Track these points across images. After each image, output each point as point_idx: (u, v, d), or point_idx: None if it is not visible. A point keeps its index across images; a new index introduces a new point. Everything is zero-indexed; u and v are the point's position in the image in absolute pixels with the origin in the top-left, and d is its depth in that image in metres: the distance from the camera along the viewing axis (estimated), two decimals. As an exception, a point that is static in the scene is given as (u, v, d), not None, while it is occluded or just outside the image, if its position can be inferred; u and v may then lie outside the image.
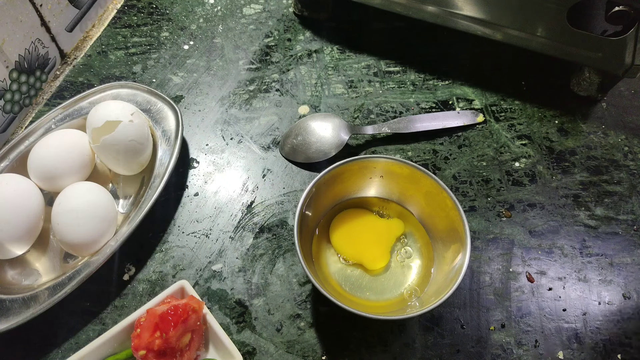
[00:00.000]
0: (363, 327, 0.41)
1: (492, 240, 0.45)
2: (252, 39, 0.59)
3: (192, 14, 0.61)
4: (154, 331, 0.35)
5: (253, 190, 0.48)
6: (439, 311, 0.41)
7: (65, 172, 0.44)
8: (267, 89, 0.55)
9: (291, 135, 0.50)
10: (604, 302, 0.42)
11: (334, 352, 0.40)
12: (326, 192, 0.42)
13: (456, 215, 0.38)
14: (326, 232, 0.43)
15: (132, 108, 0.45)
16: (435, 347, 0.40)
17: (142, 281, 0.43)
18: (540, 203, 0.47)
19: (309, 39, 0.59)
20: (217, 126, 0.52)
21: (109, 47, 0.58)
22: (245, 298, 0.42)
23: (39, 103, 0.55)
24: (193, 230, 0.45)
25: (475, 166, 0.49)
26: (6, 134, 0.52)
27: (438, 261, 0.41)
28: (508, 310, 0.42)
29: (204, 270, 0.43)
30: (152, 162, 0.47)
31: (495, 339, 0.40)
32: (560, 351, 0.40)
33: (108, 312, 0.41)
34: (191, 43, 0.58)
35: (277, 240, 0.45)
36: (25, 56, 0.52)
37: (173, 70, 0.56)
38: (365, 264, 0.42)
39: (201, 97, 0.54)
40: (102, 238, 0.41)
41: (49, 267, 0.43)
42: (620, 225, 0.46)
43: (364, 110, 0.53)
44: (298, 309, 0.42)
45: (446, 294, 0.35)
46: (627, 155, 0.51)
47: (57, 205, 0.41)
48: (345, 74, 0.56)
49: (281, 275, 0.43)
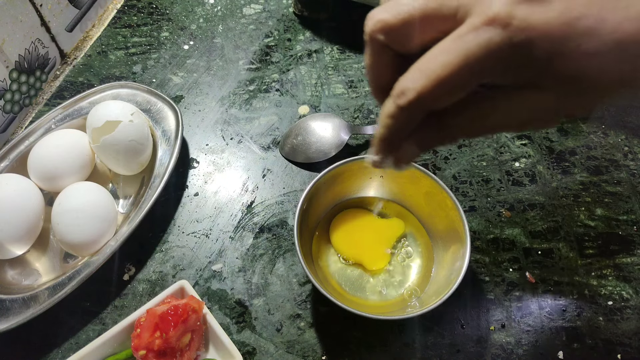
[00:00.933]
0: (363, 327, 0.41)
1: (492, 240, 0.45)
2: (252, 39, 0.59)
3: (192, 14, 0.61)
4: (154, 331, 0.35)
5: (253, 190, 0.48)
6: (439, 311, 0.41)
7: (65, 172, 0.44)
8: (267, 89, 0.55)
9: (291, 135, 0.50)
10: (603, 302, 0.42)
11: (334, 352, 0.40)
12: (326, 192, 0.42)
13: (456, 215, 0.38)
14: (326, 232, 0.43)
15: (132, 108, 0.45)
16: (435, 347, 0.40)
17: (142, 281, 0.43)
18: (540, 203, 0.47)
19: (309, 39, 0.59)
20: (217, 126, 0.52)
21: (109, 47, 0.58)
22: (245, 298, 0.42)
23: (39, 103, 0.55)
24: (193, 230, 0.45)
25: (475, 166, 0.49)
26: (6, 134, 0.52)
27: (438, 261, 0.41)
28: (508, 310, 0.42)
29: (204, 270, 0.43)
30: (152, 162, 0.47)
31: (495, 339, 0.40)
32: (560, 351, 0.40)
33: (108, 312, 0.41)
34: (191, 43, 0.58)
35: (277, 240, 0.45)
36: (25, 56, 0.52)
37: (173, 70, 0.56)
38: (365, 264, 0.42)
39: (201, 97, 0.54)
40: (102, 238, 0.41)
41: (49, 267, 0.43)
42: (620, 225, 0.46)
43: (364, 110, 0.53)
44: (298, 309, 0.42)
45: (446, 294, 0.35)
46: (627, 155, 0.51)
47: (57, 205, 0.41)
48: (345, 74, 0.56)
49: (281, 275, 0.43)
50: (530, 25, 0.17)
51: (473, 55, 0.18)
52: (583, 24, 0.17)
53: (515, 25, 0.17)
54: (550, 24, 0.17)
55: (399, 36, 0.21)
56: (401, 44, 0.21)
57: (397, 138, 0.22)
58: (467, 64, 0.18)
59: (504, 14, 0.18)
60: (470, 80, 0.19)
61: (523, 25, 0.17)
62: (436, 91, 0.19)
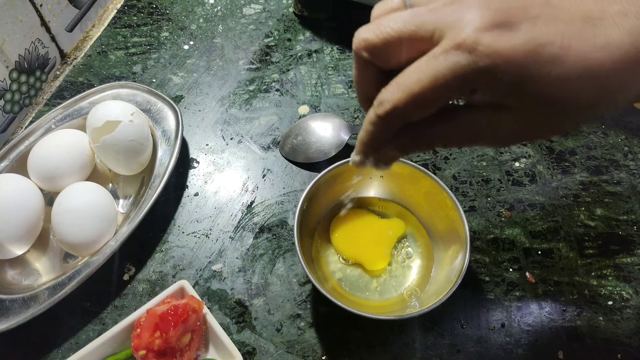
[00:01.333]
0: (363, 327, 0.41)
1: (492, 240, 0.45)
2: (252, 39, 0.59)
3: (192, 14, 0.61)
4: (154, 331, 0.35)
5: (253, 190, 0.48)
6: (439, 311, 0.41)
7: (65, 172, 0.44)
8: (267, 89, 0.55)
9: (291, 135, 0.50)
10: (603, 302, 0.42)
11: (334, 352, 0.40)
12: (326, 192, 0.42)
13: (456, 215, 0.38)
14: (326, 232, 0.43)
15: (132, 108, 0.45)
16: (435, 347, 0.40)
17: (142, 281, 0.43)
18: (540, 203, 0.47)
19: (309, 39, 0.59)
20: (217, 126, 0.52)
21: (109, 47, 0.58)
22: (245, 298, 0.42)
23: (39, 103, 0.55)
24: (193, 230, 0.45)
25: (475, 166, 0.49)
26: (6, 134, 0.52)
27: (438, 261, 0.41)
28: (508, 310, 0.42)
29: (204, 270, 0.43)
30: (152, 162, 0.47)
31: (495, 339, 0.40)
32: (560, 351, 0.40)
33: (108, 312, 0.41)
34: (191, 43, 0.58)
35: (277, 240, 0.45)
36: (25, 56, 0.52)
37: (173, 70, 0.56)
38: (365, 264, 0.42)
39: (201, 97, 0.54)
40: (102, 238, 0.41)
41: (49, 267, 0.43)
42: (620, 225, 0.46)
43: (363, 111, 0.53)
44: (298, 309, 0.42)
45: (446, 294, 0.35)
46: (627, 155, 0.51)
47: (57, 205, 0.41)
48: (345, 74, 0.56)
49: (281, 275, 0.43)
50: (495, 51, 0.19)
51: (442, 76, 0.20)
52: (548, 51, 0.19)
53: (480, 51, 0.19)
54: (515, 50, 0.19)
55: (381, 54, 0.23)
56: (384, 60, 0.23)
57: (376, 142, 0.24)
58: (437, 82, 0.20)
59: (471, 40, 0.19)
60: (440, 97, 0.21)
61: (488, 51, 0.19)
62: (410, 104, 0.21)
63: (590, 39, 0.19)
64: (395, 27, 0.21)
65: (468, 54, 0.19)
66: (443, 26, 0.20)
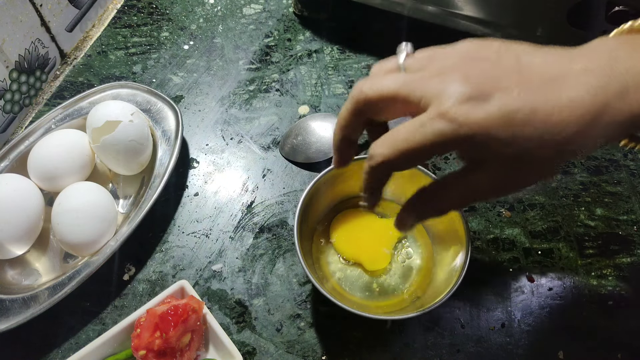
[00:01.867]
0: (363, 327, 0.41)
1: (492, 240, 0.45)
2: (252, 39, 0.59)
3: (192, 14, 0.61)
4: (154, 331, 0.35)
5: (253, 190, 0.48)
6: (439, 311, 0.41)
7: (65, 172, 0.44)
8: (267, 89, 0.55)
9: (291, 135, 0.50)
10: (604, 302, 0.42)
11: (334, 352, 0.40)
12: (326, 192, 0.42)
13: (456, 215, 0.38)
14: (326, 232, 0.43)
15: (132, 108, 0.45)
16: (435, 347, 0.40)
17: (142, 281, 0.43)
18: (540, 203, 0.47)
19: (309, 39, 0.59)
20: (217, 126, 0.52)
21: (109, 47, 0.58)
22: (245, 298, 0.42)
23: (39, 103, 0.55)
24: (193, 230, 0.45)
25: (475, 166, 0.49)
26: (6, 134, 0.52)
27: (438, 261, 0.41)
28: (508, 310, 0.42)
29: (204, 270, 0.43)
30: (152, 162, 0.47)
31: (495, 339, 0.40)
32: (560, 351, 0.40)
33: (108, 312, 0.41)
34: (191, 43, 0.58)
35: (277, 240, 0.45)
36: (25, 56, 0.52)
37: (173, 70, 0.56)
38: (365, 265, 0.42)
39: (201, 97, 0.54)
40: (102, 238, 0.42)
41: (49, 267, 0.43)
42: (620, 225, 0.46)
43: (364, 110, 0.53)
44: (298, 309, 0.42)
45: (446, 294, 0.35)
46: (627, 155, 0.51)
47: (57, 205, 0.41)
48: (345, 74, 0.56)
49: (281, 275, 0.43)
50: (471, 120, 0.22)
51: (428, 139, 0.23)
52: (517, 117, 0.22)
53: (459, 121, 0.22)
54: (488, 118, 0.22)
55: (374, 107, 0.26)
56: (375, 113, 0.27)
57: (374, 189, 0.29)
58: (423, 143, 0.23)
59: (452, 111, 0.22)
60: (425, 155, 0.24)
61: (466, 121, 0.22)
62: (398, 159, 0.24)
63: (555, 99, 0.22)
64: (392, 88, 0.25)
65: (449, 122, 0.22)
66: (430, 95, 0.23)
